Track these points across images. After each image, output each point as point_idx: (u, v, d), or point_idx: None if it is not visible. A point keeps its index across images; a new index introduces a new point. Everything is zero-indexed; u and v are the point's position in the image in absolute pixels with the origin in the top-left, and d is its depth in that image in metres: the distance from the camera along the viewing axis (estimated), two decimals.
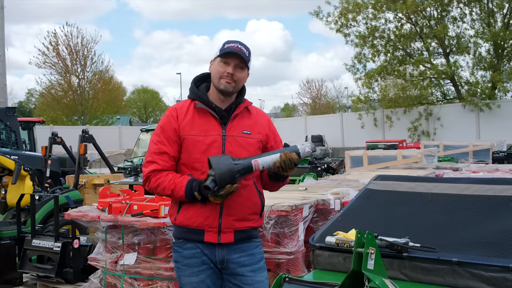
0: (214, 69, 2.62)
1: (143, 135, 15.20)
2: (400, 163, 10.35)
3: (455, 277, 2.47)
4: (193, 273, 2.55)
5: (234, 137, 2.58)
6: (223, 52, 2.57)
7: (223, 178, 2.36)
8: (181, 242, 2.60)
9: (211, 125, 2.58)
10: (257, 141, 2.65)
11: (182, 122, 2.57)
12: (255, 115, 2.72)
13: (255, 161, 2.41)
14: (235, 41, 2.62)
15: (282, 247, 4.10)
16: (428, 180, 3.63)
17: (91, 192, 8.12)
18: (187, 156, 2.56)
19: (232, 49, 2.56)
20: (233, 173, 2.37)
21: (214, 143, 2.54)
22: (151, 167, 2.57)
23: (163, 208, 4.03)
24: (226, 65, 2.57)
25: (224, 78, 2.57)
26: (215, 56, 2.63)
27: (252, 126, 2.65)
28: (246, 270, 2.57)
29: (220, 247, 2.56)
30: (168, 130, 2.58)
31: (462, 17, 26.20)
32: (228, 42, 2.61)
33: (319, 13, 27.40)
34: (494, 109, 23.70)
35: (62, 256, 5.06)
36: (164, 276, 4.03)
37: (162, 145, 2.57)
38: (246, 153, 2.55)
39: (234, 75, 2.57)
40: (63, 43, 34.29)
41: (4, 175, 6.81)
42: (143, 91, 64.44)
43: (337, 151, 27.35)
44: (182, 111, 2.61)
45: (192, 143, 2.55)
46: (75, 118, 36.15)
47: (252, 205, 2.59)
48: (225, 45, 2.59)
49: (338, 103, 55.55)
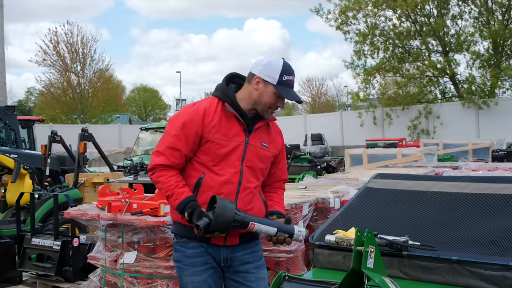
0: (264, 95, 2.55)
1: (143, 134, 15.18)
2: (399, 162, 10.35)
3: (454, 275, 2.47)
4: (195, 273, 2.54)
5: (255, 147, 2.59)
6: (283, 93, 2.53)
7: (217, 227, 2.37)
8: (184, 241, 2.58)
9: (236, 130, 2.55)
10: (272, 155, 2.68)
11: (209, 124, 2.52)
12: (274, 131, 2.74)
13: (252, 224, 2.43)
14: (292, 72, 2.57)
15: (281, 245, 4.10)
16: (428, 179, 3.63)
17: (90, 191, 8.11)
18: (206, 157, 2.53)
19: (289, 86, 2.55)
20: (229, 225, 2.38)
21: (237, 149, 2.54)
22: (159, 160, 2.53)
23: (162, 206, 4.03)
24: (279, 99, 2.57)
25: (272, 109, 2.59)
26: (267, 79, 2.54)
27: (270, 141, 2.67)
28: (249, 267, 2.58)
29: (225, 248, 2.57)
30: (189, 128, 2.51)
31: (462, 15, 26.23)
32: (286, 72, 2.55)
33: (320, 10, 27.45)
34: (494, 107, 23.67)
35: (61, 255, 5.05)
36: (164, 275, 4.04)
37: (178, 141, 2.51)
38: (261, 164, 2.60)
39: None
40: (63, 41, 34.31)
41: (4, 174, 6.80)
42: (142, 89, 64.43)
43: (337, 150, 27.34)
44: (211, 112, 2.54)
45: (215, 146, 2.52)
46: (75, 116, 36.14)
47: (259, 212, 2.61)
48: (283, 77, 2.54)
49: (338, 101, 55.57)
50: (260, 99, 2.56)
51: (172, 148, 2.51)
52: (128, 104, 58.23)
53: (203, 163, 2.54)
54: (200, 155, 2.55)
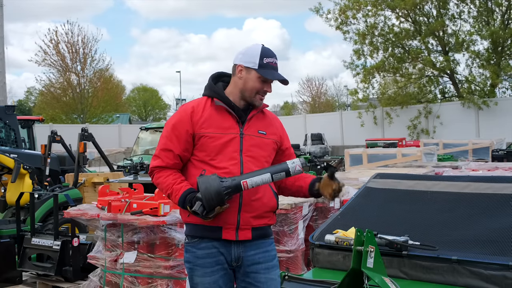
0: (249, 82, 2.56)
1: (143, 134, 15.19)
2: (399, 161, 10.36)
3: (454, 275, 2.47)
4: (206, 273, 2.52)
5: (251, 136, 2.58)
6: (266, 76, 2.54)
7: (211, 203, 2.34)
8: (195, 241, 2.55)
9: (229, 123, 2.56)
10: (272, 141, 2.65)
11: (198, 120, 2.54)
12: (269, 117, 2.72)
13: (244, 181, 2.38)
14: (272, 54, 2.59)
15: (281, 245, 4.11)
16: (428, 178, 3.63)
17: (90, 191, 8.11)
18: (203, 153, 2.54)
19: (273, 68, 2.55)
20: (221, 195, 2.34)
21: (232, 141, 2.53)
22: (155, 162, 2.59)
23: (162, 206, 4.03)
24: (264, 83, 2.57)
25: (260, 94, 2.58)
26: (249, 66, 2.56)
27: (266, 127, 2.66)
28: (260, 268, 2.55)
29: (237, 245, 2.54)
30: (180, 128, 2.55)
31: (461, 14, 26.23)
32: (266, 55, 2.56)
33: (319, 10, 27.45)
34: (494, 107, 23.67)
35: (61, 255, 5.05)
36: (164, 275, 4.04)
37: (169, 142, 2.55)
38: (262, 152, 2.58)
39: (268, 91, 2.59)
40: (64, 41, 34.30)
41: (4, 174, 6.81)
42: (142, 89, 64.42)
43: (337, 149, 27.35)
44: (199, 109, 2.57)
45: (208, 141, 2.53)
46: (75, 116, 36.12)
47: (269, 202, 2.58)
48: (264, 60, 2.55)
49: (337, 101, 55.58)
50: (245, 86, 2.57)
51: (165, 149, 2.56)
52: (128, 104, 58.23)
53: (202, 160, 2.55)
54: (197, 153, 2.56)
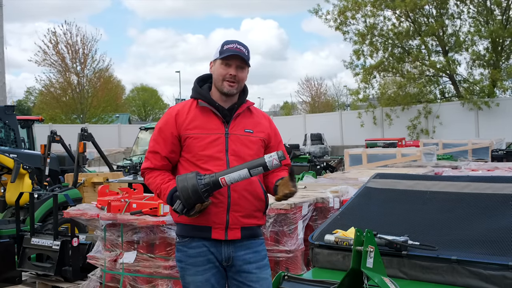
0: (215, 71, 2.63)
1: (142, 134, 15.18)
2: (399, 161, 10.36)
3: (454, 275, 2.47)
4: (197, 272, 2.54)
5: (237, 136, 2.59)
6: (224, 55, 2.58)
7: (189, 201, 2.35)
8: (186, 241, 2.58)
9: (214, 123, 2.59)
10: (259, 139, 2.66)
11: (183, 122, 2.58)
12: (257, 115, 2.74)
13: (222, 178, 2.38)
14: (234, 41, 2.63)
15: (281, 245, 4.11)
16: (427, 178, 3.63)
17: (90, 191, 8.11)
18: (190, 154, 2.58)
19: (232, 50, 2.58)
20: (198, 192, 2.34)
21: (217, 141, 2.55)
22: (144, 164, 2.68)
23: (162, 206, 4.03)
24: (227, 67, 2.59)
25: (226, 80, 2.59)
26: (215, 58, 2.64)
27: (253, 126, 2.67)
28: (251, 267, 2.57)
29: (226, 244, 2.56)
30: (165, 131, 2.62)
31: (460, 14, 26.23)
32: (227, 43, 2.62)
33: (318, 11, 27.45)
34: (493, 107, 23.68)
35: (61, 255, 5.05)
36: (164, 274, 4.04)
37: (156, 145, 2.63)
38: (249, 151, 2.58)
39: (236, 76, 2.59)
40: (63, 41, 34.31)
41: (3, 174, 6.80)
42: (142, 89, 64.42)
43: (336, 149, 27.35)
44: (184, 111, 2.62)
45: (193, 142, 2.56)
46: (74, 116, 36.12)
47: (258, 202, 2.60)
48: (224, 47, 2.61)
49: (337, 101, 55.58)
50: (215, 77, 2.64)
51: (152, 152, 2.64)
52: (128, 104, 58.21)
53: (190, 161, 2.59)
54: (184, 154, 2.60)
